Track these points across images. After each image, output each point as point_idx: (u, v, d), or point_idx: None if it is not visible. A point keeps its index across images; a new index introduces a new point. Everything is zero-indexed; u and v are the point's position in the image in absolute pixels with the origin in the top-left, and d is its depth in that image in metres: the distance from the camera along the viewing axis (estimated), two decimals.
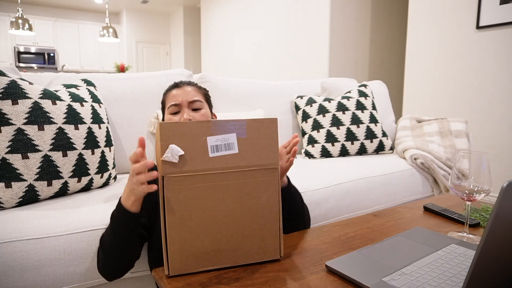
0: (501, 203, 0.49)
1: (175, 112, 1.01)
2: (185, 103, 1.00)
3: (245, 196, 0.73)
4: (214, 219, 0.72)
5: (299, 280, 0.70)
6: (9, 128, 1.08)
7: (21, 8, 5.08)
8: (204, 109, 1.03)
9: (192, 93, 1.02)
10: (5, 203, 1.07)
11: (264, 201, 0.75)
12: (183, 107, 1.00)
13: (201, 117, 1.00)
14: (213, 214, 0.72)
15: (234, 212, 0.73)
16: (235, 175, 0.72)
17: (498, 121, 2.58)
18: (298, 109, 2.06)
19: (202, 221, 0.71)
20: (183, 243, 0.70)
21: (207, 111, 1.04)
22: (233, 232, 0.73)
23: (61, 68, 7.54)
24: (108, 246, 0.83)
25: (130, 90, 1.60)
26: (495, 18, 2.53)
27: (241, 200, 0.73)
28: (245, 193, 0.73)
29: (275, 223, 0.76)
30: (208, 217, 0.71)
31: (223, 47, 5.85)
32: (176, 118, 1.00)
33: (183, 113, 0.99)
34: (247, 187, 0.73)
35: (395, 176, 1.69)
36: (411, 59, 3.08)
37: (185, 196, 0.69)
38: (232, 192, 0.72)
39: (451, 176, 0.88)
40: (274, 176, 0.75)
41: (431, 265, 0.72)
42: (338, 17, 3.77)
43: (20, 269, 0.89)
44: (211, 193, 0.71)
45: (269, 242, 0.76)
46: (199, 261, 0.72)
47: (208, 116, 1.04)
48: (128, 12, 8.16)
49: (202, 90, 1.09)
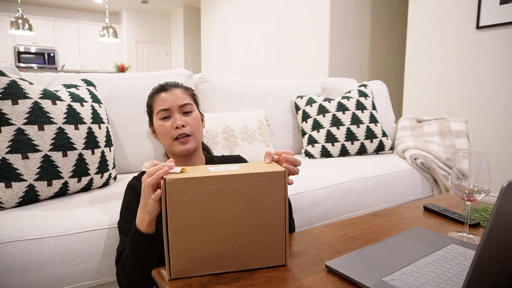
0: (501, 203, 0.49)
1: (165, 117, 0.99)
2: (175, 108, 0.98)
3: (250, 200, 0.71)
4: (218, 223, 0.70)
5: (299, 280, 0.70)
6: (9, 128, 1.08)
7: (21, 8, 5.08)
8: (195, 111, 1.02)
9: (181, 96, 1.00)
10: (5, 203, 1.07)
11: (270, 206, 0.72)
12: (174, 112, 0.98)
13: (193, 121, 0.99)
14: (217, 218, 0.70)
15: (238, 217, 0.71)
16: (240, 178, 0.70)
17: (498, 121, 2.58)
18: (298, 109, 2.06)
19: (204, 225, 0.69)
20: (185, 246, 0.69)
21: (197, 114, 1.03)
22: (237, 237, 0.72)
23: (61, 68, 7.54)
24: (128, 268, 0.83)
25: (130, 90, 1.60)
26: (495, 18, 2.53)
27: (246, 204, 0.71)
28: (249, 197, 0.71)
29: (281, 229, 0.74)
30: (211, 221, 0.70)
31: (223, 47, 5.85)
32: (167, 124, 0.98)
33: (175, 118, 0.97)
34: (252, 191, 0.71)
35: (395, 176, 1.69)
36: (411, 59, 3.08)
37: (187, 199, 0.68)
38: (236, 196, 0.70)
39: (451, 176, 0.88)
40: (281, 180, 0.72)
41: (431, 265, 0.72)
42: (338, 17, 3.77)
43: (20, 269, 0.89)
44: (214, 197, 0.69)
45: (274, 248, 0.74)
46: (201, 265, 0.71)
47: (198, 118, 1.03)
48: (128, 12, 8.16)
49: (189, 91, 1.07)
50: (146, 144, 1.59)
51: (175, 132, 0.97)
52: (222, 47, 5.89)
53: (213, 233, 0.70)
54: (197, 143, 1.00)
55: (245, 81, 2.03)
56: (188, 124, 0.98)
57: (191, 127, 0.97)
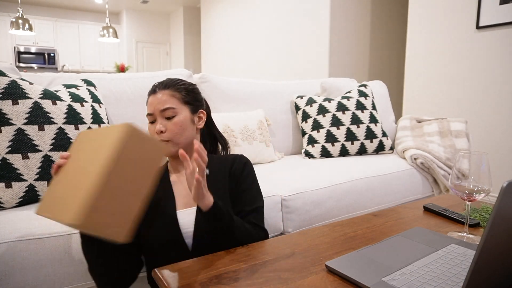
0: (501, 203, 0.49)
1: (152, 121, 1.02)
2: (157, 112, 0.99)
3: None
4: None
5: (299, 280, 0.70)
6: (10, 128, 1.08)
7: (21, 8, 5.08)
8: (178, 115, 1.00)
9: (164, 100, 1.00)
10: (5, 203, 1.07)
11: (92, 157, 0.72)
12: (157, 116, 1.00)
13: (173, 126, 0.98)
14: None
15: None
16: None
17: (498, 121, 2.58)
18: (298, 109, 2.06)
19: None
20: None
21: (180, 117, 1.00)
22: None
23: (61, 68, 7.54)
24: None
25: (130, 90, 1.60)
26: (495, 18, 2.53)
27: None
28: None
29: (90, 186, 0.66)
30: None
31: (223, 47, 5.85)
32: (152, 128, 1.01)
33: (157, 123, 1.00)
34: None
35: (395, 176, 1.69)
36: (411, 59, 3.08)
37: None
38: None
39: (451, 176, 0.88)
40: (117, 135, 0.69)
41: (431, 265, 0.72)
42: (338, 17, 3.77)
43: (20, 269, 0.89)
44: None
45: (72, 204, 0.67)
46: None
47: (181, 122, 1.00)
48: (128, 12, 8.16)
49: (181, 92, 1.03)
50: None
51: (158, 136, 0.99)
52: (222, 47, 5.89)
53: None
54: (179, 146, 1.01)
55: (245, 81, 2.03)
56: (168, 130, 0.99)
57: (170, 132, 0.98)
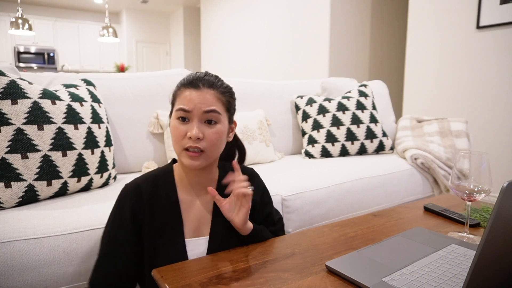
0: (501, 203, 0.49)
1: (183, 119, 0.81)
2: (198, 112, 0.80)
3: None
4: None
5: (299, 280, 0.70)
6: (9, 128, 1.08)
7: (21, 8, 5.07)
8: (220, 123, 0.83)
9: (211, 101, 0.81)
10: (4, 203, 1.07)
11: None
12: (195, 117, 0.80)
13: (213, 135, 0.81)
14: None
15: None
16: None
17: (498, 121, 2.58)
18: (298, 109, 2.06)
19: None
20: None
21: (222, 127, 0.83)
22: None
23: (61, 68, 7.53)
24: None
25: (130, 90, 1.60)
26: (495, 18, 2.53)
27: None
28: None
29: None
30: None
31: (223, 47, 5.84)
32: (182, 128, 0.81)
33: (193, 125, 0.80)
34: None
35: (395, 176, 1.69)
36: (411, 59, 3.08)
37: None
38: None
39: (451, 176, 0.88)
40: None
41: (431, 265, 0.72)
42: (338, 17, 3.77)
43: (19, 269, 0.89)
44: None
45: None
46: None
47: (222, 133, 0.83)
48: (128, 12, 8.16)
49: (226, 96, 0.86)
50: (146, 144, 1.59)
51: (187, 141, 0.80)
52: (222, 47, 5.89)
53: None
54: (209, 161, 0.84)
55: (245, 81, 2.03)
56: (206, 138, 0.80)
57: (208, 142, 0.80)
